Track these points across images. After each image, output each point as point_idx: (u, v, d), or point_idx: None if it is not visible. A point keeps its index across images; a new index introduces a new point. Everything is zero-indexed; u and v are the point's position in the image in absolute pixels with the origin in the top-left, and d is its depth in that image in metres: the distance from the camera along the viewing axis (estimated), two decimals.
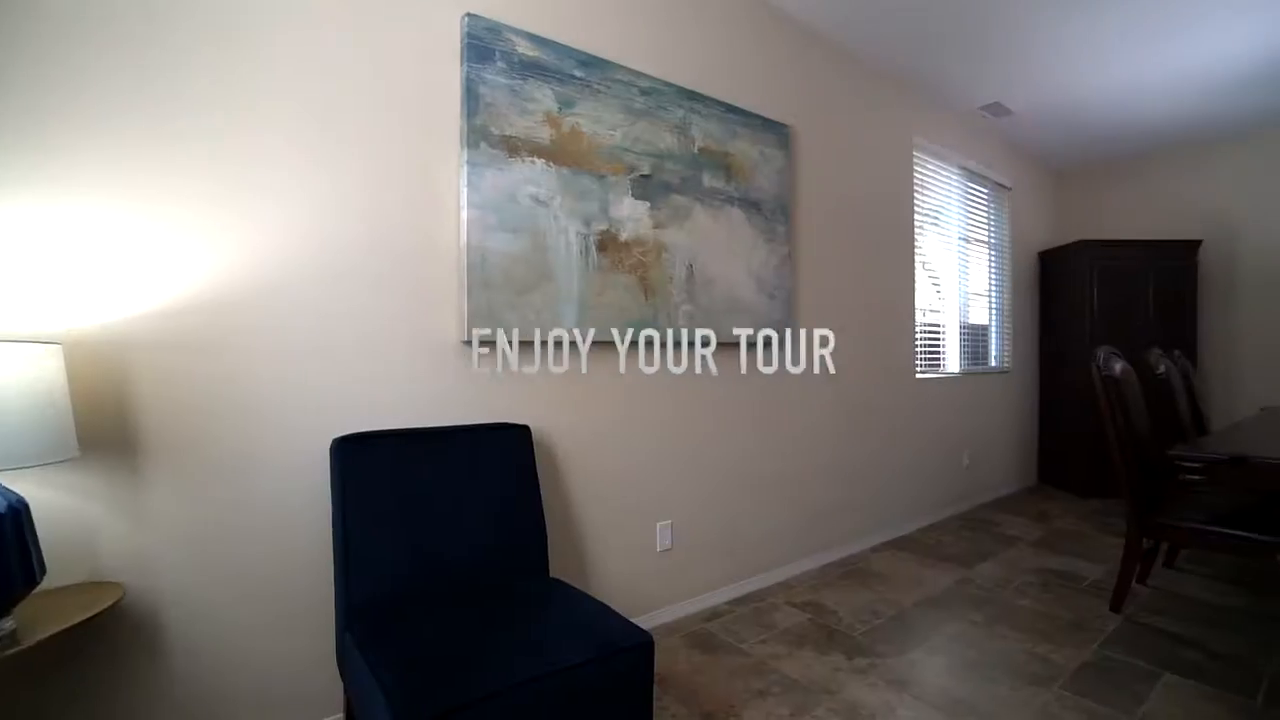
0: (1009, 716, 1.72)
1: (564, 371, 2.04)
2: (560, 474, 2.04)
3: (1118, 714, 1.73)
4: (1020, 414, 4.59)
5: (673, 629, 2.25)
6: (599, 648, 1.26)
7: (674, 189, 2.26)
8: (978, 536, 3.37)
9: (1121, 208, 4.93)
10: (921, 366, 3.61)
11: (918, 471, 3.53)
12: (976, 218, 4.23)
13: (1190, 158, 4.59)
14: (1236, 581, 2.72)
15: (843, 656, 2.04)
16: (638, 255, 2.14)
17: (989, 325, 4.34)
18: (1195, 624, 2.29)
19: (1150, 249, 4.32)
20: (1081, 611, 2.41)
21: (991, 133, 4.27)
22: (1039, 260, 4.81)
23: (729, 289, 2.43)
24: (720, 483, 2.51)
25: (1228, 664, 2.00)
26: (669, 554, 2.32)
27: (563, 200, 1.96)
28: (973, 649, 2.10)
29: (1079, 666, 1.99)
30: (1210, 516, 2.26)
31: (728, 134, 2.45)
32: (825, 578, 2.75)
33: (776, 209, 2.63)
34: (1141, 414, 2.56)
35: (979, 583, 2.70)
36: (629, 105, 2.15)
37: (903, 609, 2.42)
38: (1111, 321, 4.28)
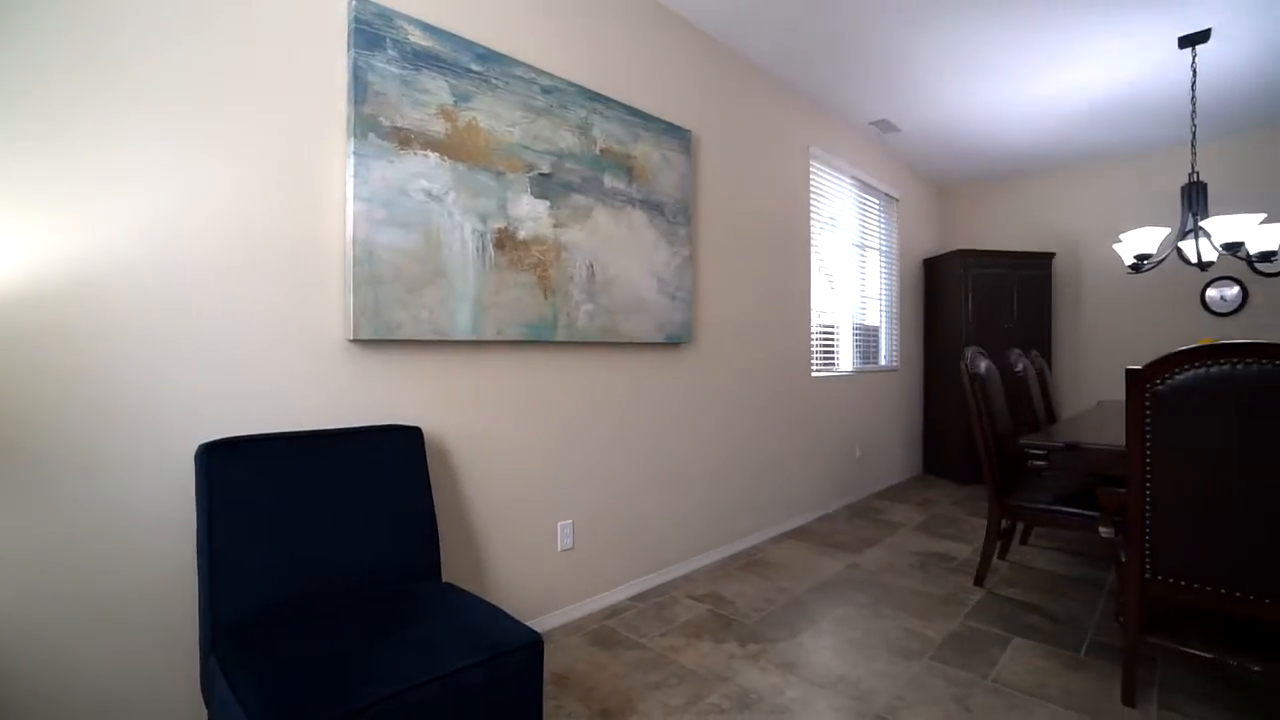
0: (884, 687, 1.86)
1: (460, 371, 1.99)
2: (456, 476, 1.99)
3: (975, 677, 1.92)
4: (907, 409, 4.95)
5: (574, 628, 2.26)
6: (486, 650, 1.24)
7: (575, 189, 2.27)
8: (867, 524, 3.61)
9: (994, 221, 5.44)
10: (817, 365, 3.82)
11: (814, 465, 3.73)
12: (869, 226, 4.52)
13: (1048, 179, 5.15)
14: (1077, 553, 3.08)
15: (737, 644, 2.13)
16: (537, 254, 2.13)
17: (879, 326, 4.66)
18: (1041, 592, 2.58)
19: (1014, 259, 4.79)
20: (952, 588, 2.63)
21: (882, 147, 4.58)
22: (923, 266, 5.21)
23: (631, 289, 2.47)
24: (623, 481, 2.54)
25: (1062, 624, 2.27)
26: (571, 553, 2.33)
27: (458, 196, 1.91)
28: (856, 629, 2.25)
29: (946, 637, 2.18)
30: (1054, 498, 2.54)
31: (630, 136, 2.49)
32: (726, 570, 2.85)
33: (678, 211, 2.69)
34: (1001, 408, 2.83)
35: (866, 567, 2.89)
36: (529, 103, 2.13)
37: (796, 596, 2.55)
38: (983, 324, 4.71)
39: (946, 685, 1.87)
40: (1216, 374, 1.57)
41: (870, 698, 1.81)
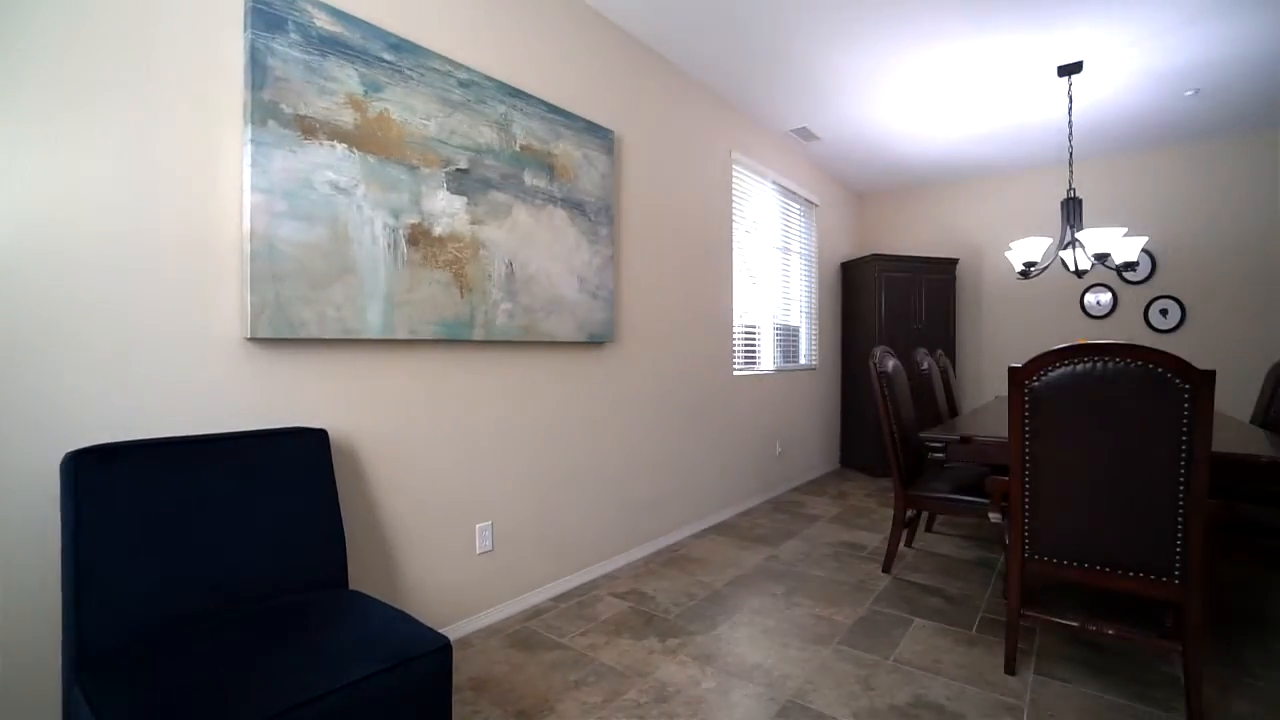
0: (795, 673, 1.94)
1: (372, 371, 1.92)
2: (368, 480, 1.92)
3: (879, 658, 2.03)
4: (825, 406, 5.18)
5: (494, 631, 2.23)
6: (390, 658, 1.21)
7: (494, 185, 2.24)
8: (786, 518, 3.74)
9: (906, 227, 5.77)
10: (739, 364, 3.93)
11: (736, 461, 3.84)
12: (790, 229, 4.69)
13: (953, 190, 5.51)
14: (975, 538, 3.32)
15: (657, 639, 2.16)
16: (453, 251, 2.08)
17: (800, 326, 4.84)
18: (941, 575, 2.76)
19: (923, 264, 5.10)
20: (862, 575, 2.78)
21: (803, 154, 4.76)
22: (841, 269, 5.46)
23: (551, 288, 2.45)
24: (545, 481, 2.52)
25: (958, 604, 2.44)
26: (490, 555, 2.29)
27: (368, 190, 1.84)
28: (771, 618, 2.34)
29: (854, 622, 2.30)
30: (953, 487, 2.73)
31: (551, 134, 2.47)
32: (649, 566, 2.89)
33: (600, 210, 2.70)
34: (907, 403, 3.01)
35: (783, 559, 3.00)
36: (445, 96, 2.08)
37: (716, 589, 2.61)
38: (895, 324, 4.99)
39: (853, 667, 1.98)
40: (1081, 371, 1.74)
41: (782, 684, 1.88)
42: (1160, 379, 1.63)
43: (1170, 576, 1.72)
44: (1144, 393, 1.66)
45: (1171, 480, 1.67)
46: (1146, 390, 1.65)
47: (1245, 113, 3.99)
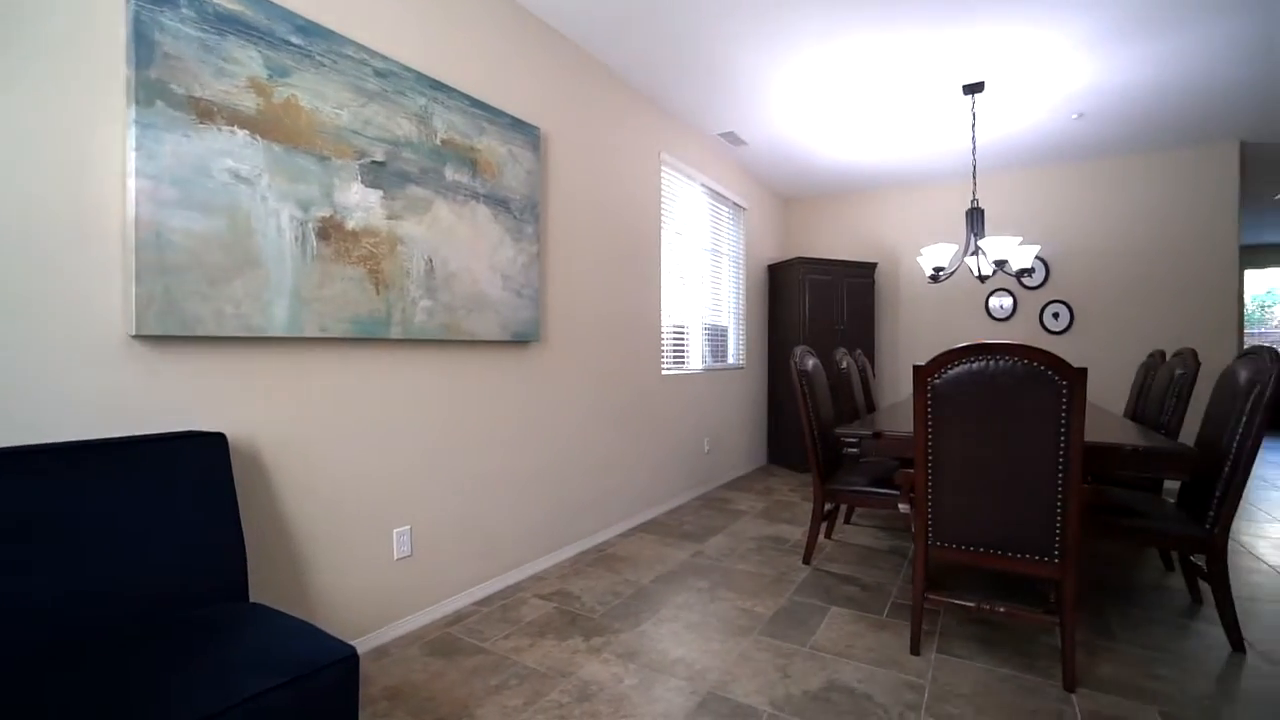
0: (716, 664, 1.98)
1: (279, 370, 1.82)
2: (274, 486, 1.82)
3: (796, 646, 2.11)
4: (753, 404, 5.32)
5: (413, 638, 2.16)
6: (290, 671, 1.15)
7: (413, 179, 2.17)
8: (713, 514, 3.82)
9: (830, 231, 6.01)
10: (668, 364, 3.98)
11: (664, 459, 3.89)
12: (719, 232, 4.79)
13: (872, 196, 5.79)
14: (890, 528, 3.50)
15: (581, 639, 2.16)
16: (368, 246, 2.01)
17: (728, 326, 4.95)
18: (857, 565, 2.90)
19: (844, 267, 5.33)
20: (784, 568, 2.87)
21: (731, 158, 4.88)
22: (768, 271, 5.63)
23: (473, 285, 2.41)
24: (468, 483, 2.47)
25: (871, 591, 2.57)
26: (409, 561, 2.22)
27: (273, 180, 1.75)
28: (695, 613, 2.38)
29: (774, 613, 2.38)
30: (868, 480, 2.87)
31: (474, 129, 2.42)
32: (576, 566, 2.88)
33: (526, 208, 2.67)
34: (826, 401, 3.14)
35: (709, 554, 3.06)
36: (360, 85, 2.00)
37: (642, 587, 2.64)
38: (817, 325, 5.19)
39: (771, 656, 2.04)
40: (975, 369, 1.87)
41: (703, 676, 1.92)
42: (1041, 376, 1.78)
43: (1051, 556, 1.87)
44: (1028, 388, 1.80)
45: (1052, 468, 1.82)
46: (1030, 386, 1.80)
47: (1125, 136, 4.40)
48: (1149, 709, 1.76)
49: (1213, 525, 2.11)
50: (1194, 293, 4.65)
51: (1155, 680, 1.91)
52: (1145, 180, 4.80)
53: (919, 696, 1.81)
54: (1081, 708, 1.76)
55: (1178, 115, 4.04)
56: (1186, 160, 4.67)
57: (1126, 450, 2.00)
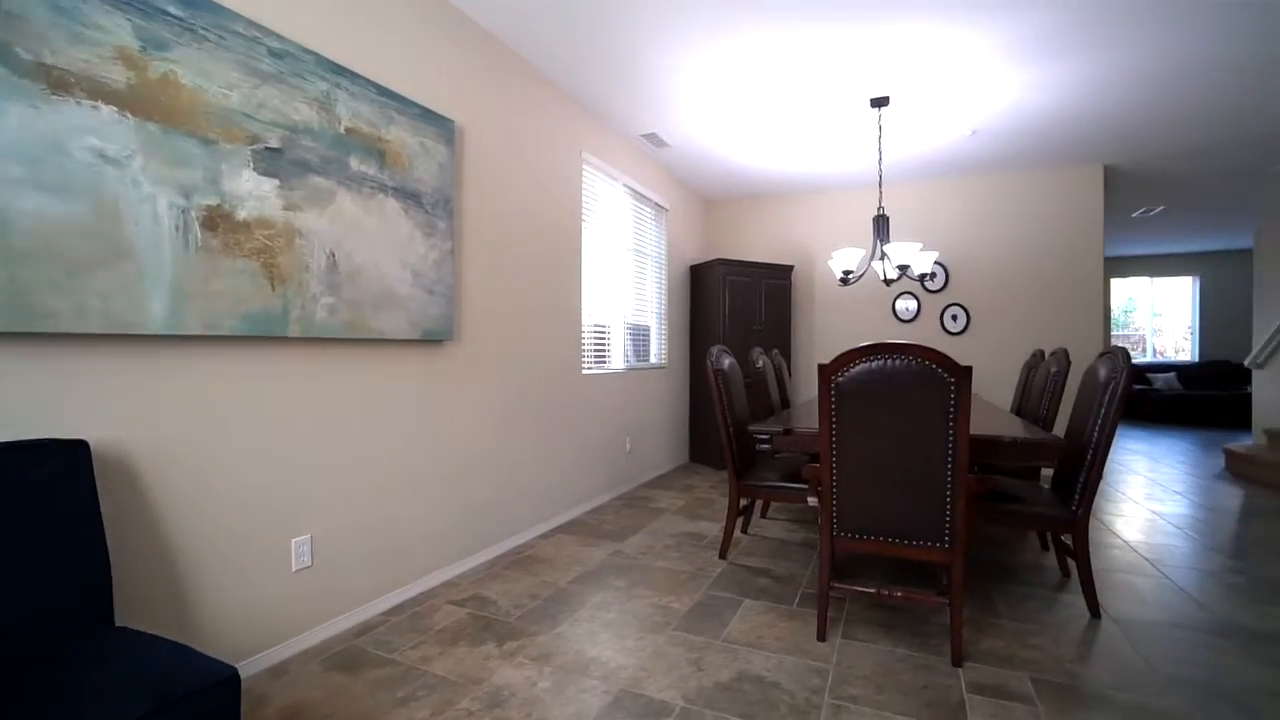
0: (631, 662, 1.99)
1: (157, 371, 1.67)
2: (151, 499, 1.66)
3: (709, 639, 2.15)
4: (675, 403, 5.40)
5: (314, 653, 2.04)
6: (160, 698, 1.05)
7: (314, 169, 2.05)
8: (634, 512, 3.85)
9: (750, 233, 6.19)
10: (588, 363, 3.97)
11: (585, 459, 3.87)
12: (642, 232, 4.83)
13: (790, 201, 6.01)
14: (802, 521, 3.64)
15: (495, 644, 2.11)
16: (262, 238, 1.87)
17: (650, 326, 5.00)
18: (770, 557, 3.00)
19: (762, 269, 5.50)
20: (701, 563, 2.93)
21: (653, 159, 4.92)
22: (690, 272, 5.72)
23: (381, 282, 2.30)
24: (376, 487, 2.36)
25: (783, 583, 2.67)
26: (309, 572, 2.09)
27: (147, 162, 1.60)
28: (612, 611, 2.38)
29: (690, 608, 2.42)
30: (781, 476, 2.97)
31: (383, 119, 2.32)
32: (492, 570, 2.82)
33: (438, 203, 2.58)
34: (742, 399, 3.23)
35: (628, 553, 3.07)
36: (252, 65, 1.86)
37: (560, 588, 2.61)
38: (737, 325, 5.33)
39: (685, 651, 2.07)
40: (874, 367, 1.97)
41: (618, 674, 1.92)
42: (932, 373, 1.90)
43: (942, 542, 2.01)
44: (921, 385, 1.92)
45: (942, 459, 1.95)
46: (923, 383, 1.92)
47: (1012, 153, 4.79)
48: (1021, 675, 1.92)
49: (1077, 507, 2.33)
50: (1068, 298, 5.13)
51: (1028, 649, 2.09)
52: (1029, 195, 5.25)
53: (823, 681, 1.89)
54: (966, 680, 1.90)
55: (1054, 137, 4.44)
56: (1062, 178, 5.14)
57: (1006, 441, 2.18)
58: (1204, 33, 2.97)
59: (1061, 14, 2.81)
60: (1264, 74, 3.40)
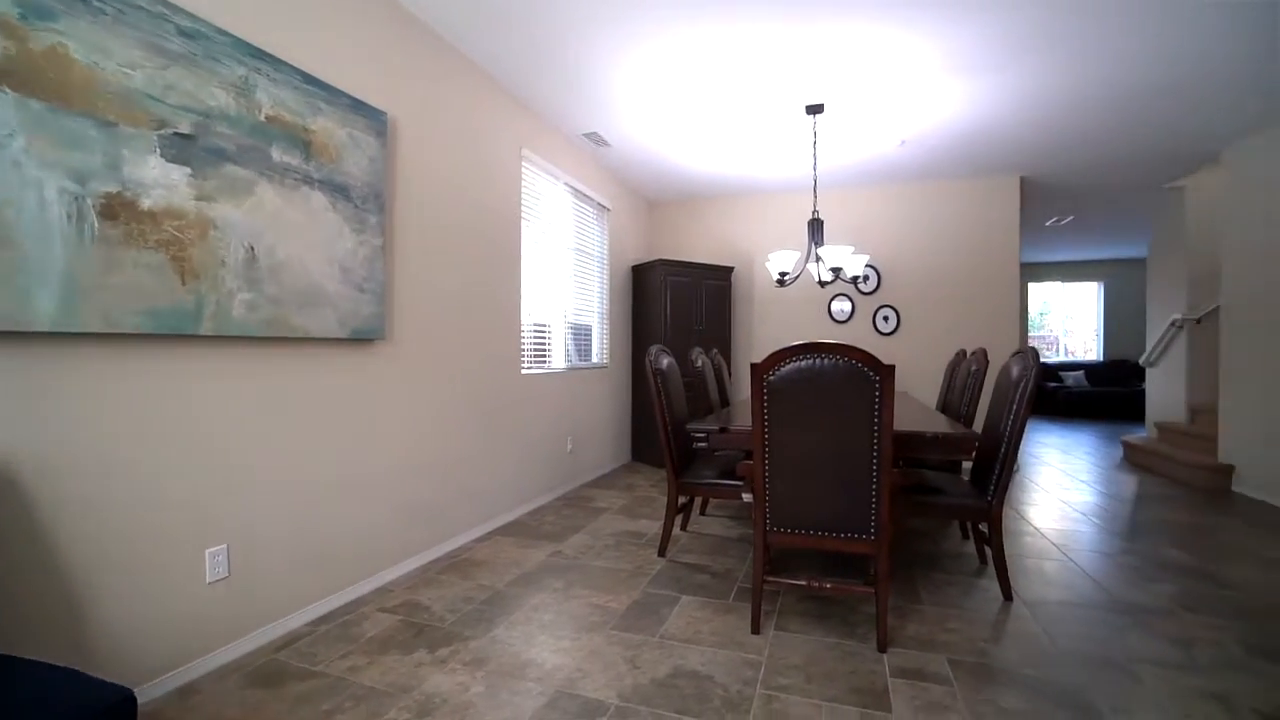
0: (567, 663, 1.98)
1: (45, 371, 1.54)
2: (38, 511, 1.53)
3: (646, 637, 2.17)
4: (617, 402, 5.40)
5: (231, 669, 1.93)
6: None
7: (230, 157, 1.93)
8: (575, 512, 3.83)
9: (691, 234, 6.26)
10: (528, 363, 3.92)
11: (525, 460, 3.82)
12: (584, 231, 4.80)
13: (730, 203, 6.12)
14: (740, 517, 3.72)
15: (427, 651, 2.06)
16: (171, 230, 1.76)
17: (592, 326, 4.99)
18: (708, 554, 3.04)
19: (703, 270, 5.58)
20: (640, 562, 2.94)
21: (594, 158, 4.91)
22: (632, 272, 5.74)
23: (306, 278, 2.20)
24: (301, 494, 2.25)
25: (720, 579, 2.71)
26: (227, 583, 1.98)
27: (31, 143, 1.47)
28: (549, 613, 2.36)
29: (628, 606, 2.43)
30: (719, 473, 3.02)
31: (308, 108, 2.22)
32: (428, 575, 2.74)
33: (369, 197, 2.49)
34: (680, 398, 3.26)
35: (568, 553, 3.06)
36: (159, 44, 1.74)
37: (497, 591, 2.57)
38: (678, 325, 5.39)
39: (622, 649, 2.08)
40: (804, 366, 2.04)
41: (553, 676, 1.91)
42: (858, 372, 1.98)
43: (868, 534, 2.09)
44: (848, 383, 2.00)
45: (868, 454, 2.03)
46: (849, 381, 1.99)
47: (938, 163, 5.04)
48: (940, 658, 2.02)
49: (992, 497, 2.47)
50: (989, 301, 5.44)
51: (947, 633, 2.20)
52: (953, 203, 5.54)
53: (756, 672, 1.94)
54: (890, 665, 1.99)
55: (977, 149, 4.70)
56: (984, 188, 5.45)
57: (927, 437, 2.29)
58: (1099, 60, 3.20)
59: (991, 29, 2.97)
60: (1153, 99, 3.70)
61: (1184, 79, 3.47)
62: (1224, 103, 3.81)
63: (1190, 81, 3.50)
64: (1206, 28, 2.92)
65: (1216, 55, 3.19)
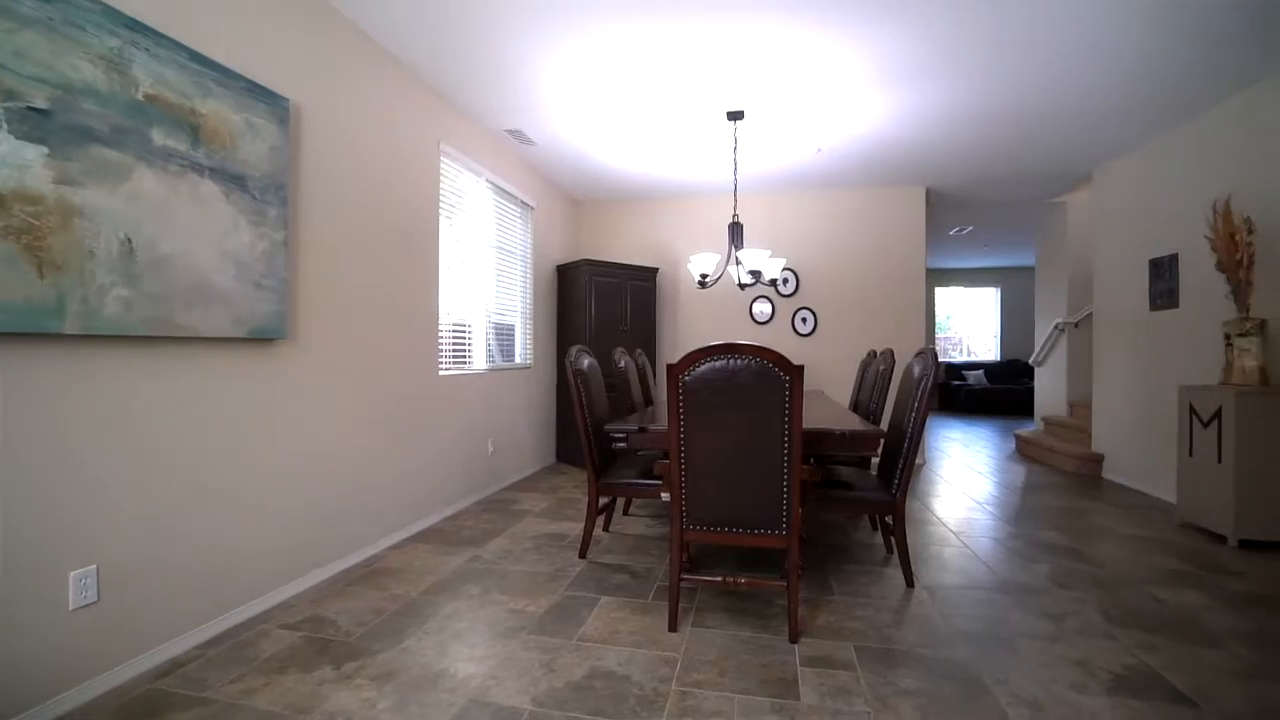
0: (480, 671, 1.93)
1: None
2: None
3: (563, 640, 2.15)
4: (541, 403, 5.34)
5: (104, 702, 1.76)
6: None
7: (100, 138, 1.76)
8: (495, 516, 3.75)
9: (618, 235, 6.27)
10: (447, 364, 3.80)
11: (443, 464, 3.71)
12: (506, 229, 4.71)
13: (655, 205, 6.18)
14: (662, 517, 3.75)
15: (331, 667, 1.95)
16: (23, 216, 1.58)
17: (516, 326, 4.90)
18: (630, 554, 3.06)
19: (628, 270, 5.61)
20: (560, 564, 2.91)
21: (518, 156, 4.82)
22: (557, 272, 5.69)
23: (195, 273, 2.04)
24: (186, 506, 2.08)
25: (640, 578, 2.73)
26: (96, 608, 1.80)
27: None
28: (464, 620, 2.30)
29: (546, 610, 2.40)
30: (639, 473, 3.04)
31: (197, 89, 2.05)
32: (336, 586, 2.61)
33: (270, 188, 2.34)
34: (602, 399, 3.26)
35: (486, 558, 2.99)
36: (6, 5, 1.56)
37: (409, 600, 2.48)
38: (603, 325, 5.39)
39: (538, 654, 2.05)
40: (718, 366, 2.08)
41: (466, 685, 1.85)
42: (769, 372, 2.04)
43: (780, 529, 2.16)
44: (759, 383, 2.06)
45: (779, 452, 2.10)
46: (760, 381, 2.05)
47: (852, 171, 5.29)
48: (847, 645, 2.12)
49: (896, 490, 2.62)
50: (899, 304, 5.77)
51: (854, 621, 2.31)
52: (866, 210, 5.83)
53: (672, 670, 1.96)
54: (801, 655, 2.06)
55: (889, 160, 4.96)
56: (894, 197, 5.77)
57: (836, 434, 2.39)
58: (996, 83, 3.46)
59: (918, 43, 3.14)
60: (1037, 122, 4.04)
61: (1061, 105, 3.80)
62: (1093, 128, 4.21)
63: (1066, 108, 3.84)
64: (1079, 62, 3.21)
65: (1084, 86, 3.52)
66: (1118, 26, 2.89)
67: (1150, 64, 3.26)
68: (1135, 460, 4.66)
